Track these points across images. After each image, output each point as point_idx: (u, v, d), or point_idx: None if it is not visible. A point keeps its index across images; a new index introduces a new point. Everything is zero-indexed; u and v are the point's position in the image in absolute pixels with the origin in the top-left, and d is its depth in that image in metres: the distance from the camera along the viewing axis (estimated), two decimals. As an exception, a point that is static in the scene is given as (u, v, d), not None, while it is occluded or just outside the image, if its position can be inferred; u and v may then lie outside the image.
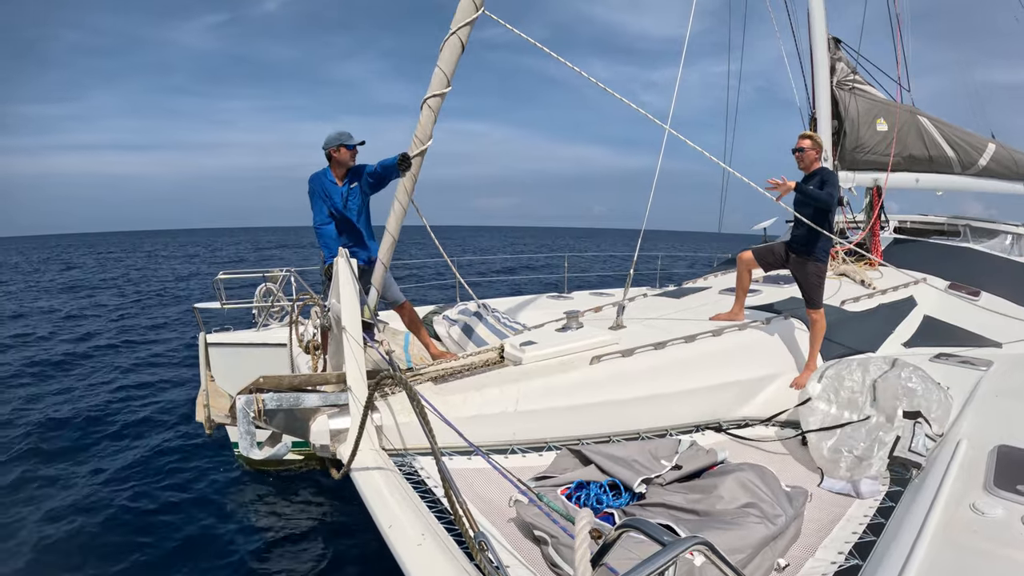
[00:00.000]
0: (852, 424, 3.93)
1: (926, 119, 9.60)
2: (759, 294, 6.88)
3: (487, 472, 3.07)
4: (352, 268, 3.94)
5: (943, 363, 5.30)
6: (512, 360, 4.44)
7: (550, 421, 4.31)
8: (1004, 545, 2.45)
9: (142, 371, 12.80)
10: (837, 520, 3.32)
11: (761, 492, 3.15)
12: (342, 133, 5.46)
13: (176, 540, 6.03)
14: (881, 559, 2.55)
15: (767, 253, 5.73)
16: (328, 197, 5.49)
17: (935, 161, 9.69)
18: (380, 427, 3.80)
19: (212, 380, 4.79)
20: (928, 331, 6.58)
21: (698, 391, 4.79)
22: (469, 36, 4.47)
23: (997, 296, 7.72)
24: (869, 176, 9.49)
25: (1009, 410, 4.18)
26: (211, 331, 7.18)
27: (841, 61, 9.47)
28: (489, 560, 2.13)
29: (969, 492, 2.94)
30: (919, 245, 9.45)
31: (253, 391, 3.50)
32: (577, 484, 3.39)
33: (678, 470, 3.54)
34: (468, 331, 6.45)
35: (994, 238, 9.71)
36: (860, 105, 9.27)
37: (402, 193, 4.83)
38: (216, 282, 7.60)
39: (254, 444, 3.47)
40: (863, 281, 7.48)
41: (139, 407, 10.25)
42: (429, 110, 4.61)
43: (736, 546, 2.69)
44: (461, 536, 2.45)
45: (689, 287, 8.37)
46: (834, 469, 3.80)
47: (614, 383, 4.54)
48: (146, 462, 7.85)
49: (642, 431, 4.52)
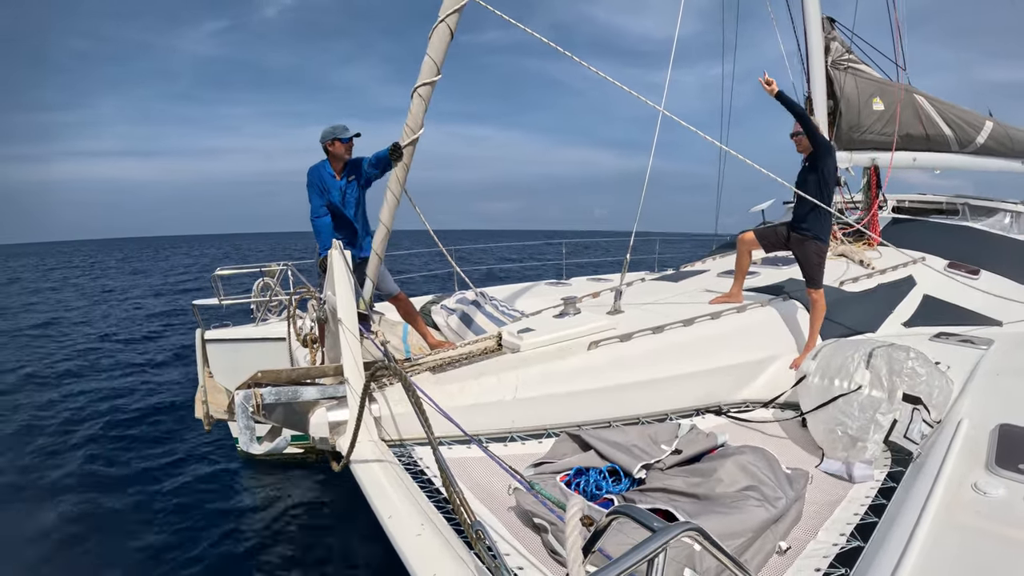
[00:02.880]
0: (844, 397, 3.88)
1: (922, 97, 9.54)
2: (758, 276, 6.85)
3: (487, 460, 3.07)
4: (347, 260, 3.93)
5: (943, 342, 5.28)
6: (510, 347, 4.43)
7: (549, 408, 4.30)
8: (1007, 524, 2.43)
9: (143, 369, 12.82)
10: (839, 502, 3.30)
11: (761, 475, 3.14)
12: (337, 126, 5.44)
13: (177, 534, 6.05)
14: (883, 540, 2.53)
15: (769, 233, 5.72)
16: (326, 190, 5.49)
17: (932, 140, 9.63)
18: (379, 418, 3.79)
19: (210, 376, 4.79)
20: (928, 310, 6.55)
21: (697, 374, 4.77)
22: (457, 24, 4.45)
23: (997, 274, 7.68)
24: (866, 156, 9.45)
25: (1010, 389, 4.15)
26: (210, 327, 7.17)
27: (836, 41, 9.42)
28: (487, 548, 2.12)
29: (971, 472, 2.92)
30: (918, 224, 9.40)
31: (251, 386, 3.49)
32: (576, 470, 3.38)
33: (678, 454, 3.53)
34: (467, 320, 6.43)
35: (993, 216, 9.67)
36: (856, 85, 9.22)
37: (395, 183, 4.81)
38: (214, 278, 7.58)
39: (254, 439, 3.47)
40: (862, 261, 7.44)
41: (140, 403, 10.28)
42: (420, 99, 4.59)
43: (736, 529, 2.68)
44: (461, 526, 2.45)
45: (687, 271, 8.35)
46: (832, 449, 3.79)
47: (613, 368, 4.52)
48: (147, 459, 7.88)
49: (642, 416, 4.50)
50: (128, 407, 10.21)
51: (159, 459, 7.87)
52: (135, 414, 9.83)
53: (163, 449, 8.21)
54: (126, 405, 10.31)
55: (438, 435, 2.97)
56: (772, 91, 5.00)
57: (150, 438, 8.67)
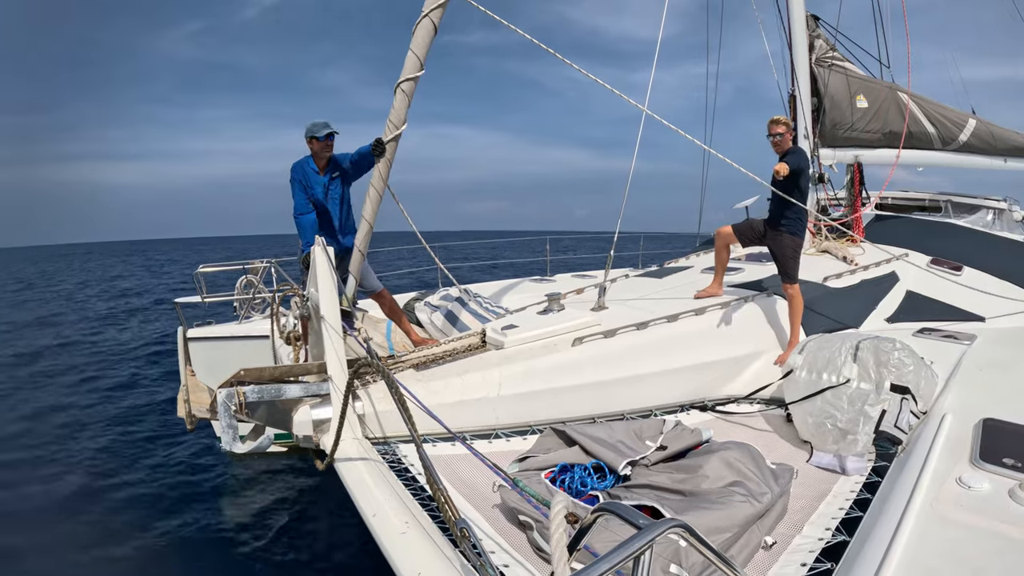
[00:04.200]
0: (832, 390, 3.90)
1: (906, 95, 9.60)
2: (741, 272, 6.87)
3: (471, 458, 3.05)
4: (329, 256, 3.90)
5: (926, 338, 5.31)
6: (494, 344, 4.41)
7: (533, 404, 4.30)
8: (991, 518, 2.44)
9: (125, 366, 12.72)
10: (824, 496, 3.31)
11: (747, 470, 3.14)
12: (315, 124, 5.40)
13: (160, 534, 5.99)
14: (868, 534, 2.54)
15: (746, 228, 5.82)
16: (309, 186, 5.46)
17: (916, 137, 9.69)
18: (362, 416, 3.78)
19: (193, 375, 4.74)
20: (911, 306, 6.59)
21: (682, 370, 4.78)
22: (441, 19, 4.43)
23: (979, 271, 7.75)
24: (850, 153, 9.49)
25: (993, 383, 4.18)
26: (192, 325, 7.11)
27: (820, 38, 9.45)
28: (472, 546, 2.11)
29: (955, 466, 2.93)
30: (901, 221, 9.46)
31: (234, 384, 3.46)
32: (561, 467, 3.37)
33: (663, 450, 3.53)
34: (451, 317, 6.41)
35: (975, 213, 9.76)
36: (840, 82, 9.26)
37: (377, 180, 4.79)
38: (196, 275, 7.51)
39: (237, 438, 3.44)
40: (845, 258, 7.49)
41: (122, 402, 10.19)
42: (403, 94, 4.56)
43: (722, 525, 2.67)
44: (445, 523, 2.43)
45: (671, 267, 8.36)
46: (821, 442, 3.80)
47: (597, 364, 4.52)
48: (130, 458, 7.81)
49: (626, 412, 4.51)
50: (111, 402, 10.16)
51: (141, 459, 7.80)
52: (119, 409, 9.78)
53: (145, 449, 8.13)
54: (110, 401, 10.25)
55: (422, 432, 2.96)
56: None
57: (133, 435, 8.59)
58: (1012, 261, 8.34)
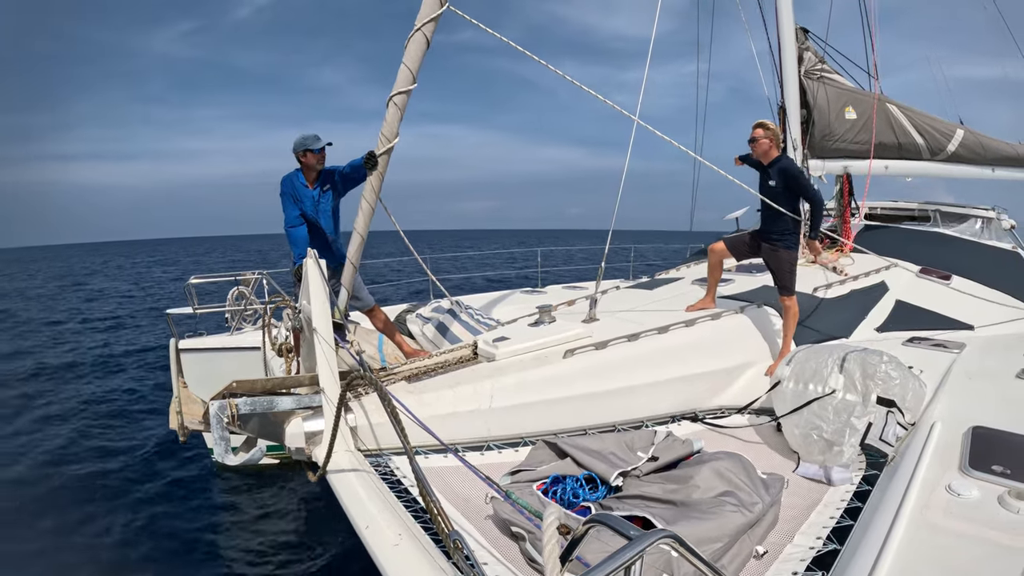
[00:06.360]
0: (818, 401, 3.92)
1: (894, 106, 9.65)
2: (731, 283, 6.89)
3: (464, 469, 3.06)
4: (321, 269, 3.91)
5: (916, 347, 5.34)
6: (485, 356, 4.42)
7: (525, 416, 4.30)
8: (981, 525, 2.46)
9: (114, 377, 12.66)
10: (814, 506, 3.33)
11: (737, 480, 3.16)
12: (307, 136, 5.41)
13: (152, 547, 5.97)
14: (859, 543, 2.55)
15: (739, 243, 5.81)
16: (299, 200, 5.46)
17: (904, 148, 9.74)
18: (355, 428, 3.78)
19: (185, 386, 4.73)
20: (900, 316, 6.62)
21: (673, 381, 4.79)
22: (434, 32, 4.44)
23: (968, 279, 7.78)
24: (839, 164, 9.54)
25: (982, 391, 4.21)
26: (184, 336, 7.10)
27: (809, 51, 9.51)
28: (465, 558, 2.12)
29: (945, 474, 2.95)
30: (890, 231, 9.50)
31: (226, 396, 3.46)
32: (553, 479, 3.38)
33: (655, 461, 3.54)
34: (442, 329, 6.41)
35: (964, 222, 9.80)
36: (829, 94, 9.32)
37: (369, 192, 4.79)
38: (188, 287, 7.49)
39: (229, 450, 3.43)
40: (835, 268, 7.52)
41: (112, 414, 10.14)
42: (395, 107, 4.57)
43: (713, 535, 2.69)
44: (438, 535, 2.43)
45: (662, 278, 8.37)
46: (808, 452, 3.82)
47: (588, 376, 4.53)
48: (121, 470, 7.76)
49: (618, 423, 4.52)
50: (105, 413, 10.12)
51: (132, 471, 7.76)
52: (112, 420, 9.72)
53: (136, 461, 8.09)
54: (103, 411, 10.21)
55: (415, 444, 2.96)
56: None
57: (124, 450, 8.54)
58: (1000, 270, 8.39)
